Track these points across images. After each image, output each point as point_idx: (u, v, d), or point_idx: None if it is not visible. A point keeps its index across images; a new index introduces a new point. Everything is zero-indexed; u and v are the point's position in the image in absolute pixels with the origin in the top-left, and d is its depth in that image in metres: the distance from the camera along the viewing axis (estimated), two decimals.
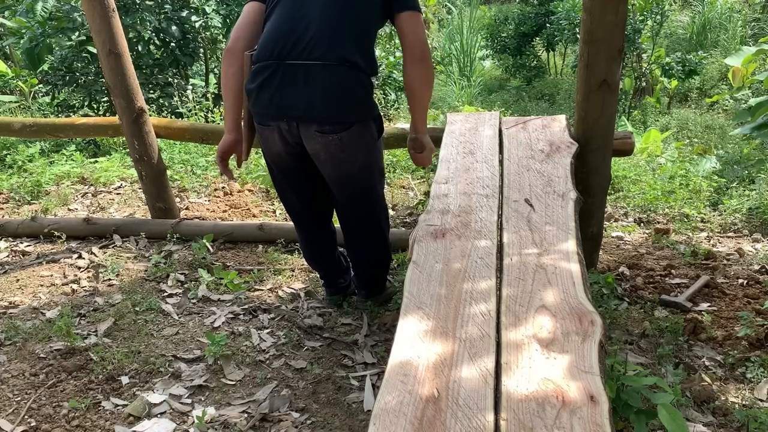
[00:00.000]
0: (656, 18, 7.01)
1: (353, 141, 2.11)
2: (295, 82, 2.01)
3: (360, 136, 2.12)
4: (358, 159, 2.17)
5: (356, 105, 2.08)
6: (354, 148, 2.13)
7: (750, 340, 2.26)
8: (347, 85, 2.03)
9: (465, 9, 10.12)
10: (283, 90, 2.02)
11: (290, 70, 2.01)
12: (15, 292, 2.88)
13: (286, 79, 2.01)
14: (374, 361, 2.28)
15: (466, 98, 7.17)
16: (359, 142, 2.13)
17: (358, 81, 2.05)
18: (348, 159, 2.15)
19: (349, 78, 2.03)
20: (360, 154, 2.16)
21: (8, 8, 6.19)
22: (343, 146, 2.10)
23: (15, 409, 2.07)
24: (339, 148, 2.10)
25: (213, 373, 2.24)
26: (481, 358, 1.42)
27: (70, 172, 4.48)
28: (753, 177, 4.23)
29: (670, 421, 1.48)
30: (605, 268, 2.90)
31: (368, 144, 2.17)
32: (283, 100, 2.02)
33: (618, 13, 2.25)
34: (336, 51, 2.00)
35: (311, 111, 2.02)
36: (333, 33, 2.01)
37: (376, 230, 2.41)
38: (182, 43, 5.72)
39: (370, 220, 2.38)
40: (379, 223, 2.40)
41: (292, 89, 2.01)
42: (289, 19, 2.05)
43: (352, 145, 2.12)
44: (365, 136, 2.14)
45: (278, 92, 2.03)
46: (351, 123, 2.07)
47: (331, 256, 2.55)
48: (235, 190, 4.12)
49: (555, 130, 2.60)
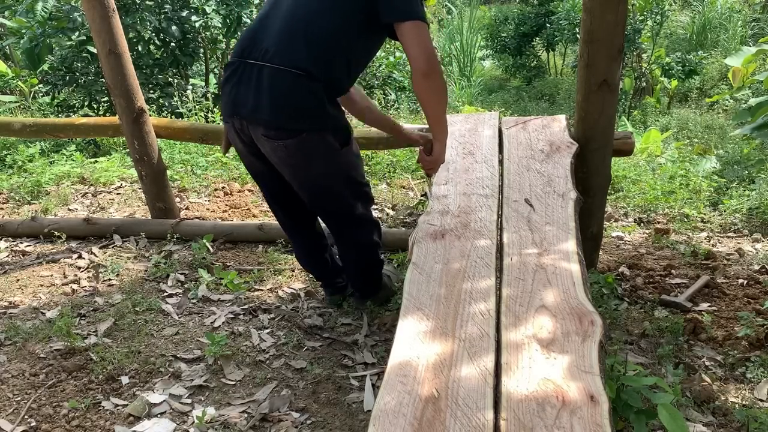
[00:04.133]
0: (656, 18, 7.02)
1: (302, 150, 2.04)
2: (249, 81, 1.99)
3: (312, 145, 2.04)
4: (315, 168, 2.10)
5: (302, 115, 1.99)
6: (303, 157, 2.06)
7: (750, 340, 2.26)
8: (295, 93, 1.96)
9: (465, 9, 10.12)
10: (237, 88, 2.02)
11: (248, 69, 2.00)
12: (15, 292, 2.88)
13: (243, 78, 2.01)
14: (374, 361, 2.28)
15: (466, 98, 7.17)
16: (311, 151, 2.05)
17: (307, 90, 1.96)
18: (301, 166, 2.09)
19: (298, 86, 1.95)
20: (316, 164, 2.09)
21: (8, 8, 6.19)
22: (289, 153, 2.04)
23: (15, 409, 2.07)
24: (286, 154, 2.04)
25: (213, 373, 2.24)
26: (480, 358, 1.42)
27: (70, 172, 4.48)
28: (753, 177, 4.23)
29: (670, 421, 1.48)
30: (605, 268, 2.89)
31: (324, 154, 2.08)
32: (237, 97, 2.02)
33: (618, 13, 2.25)
34: (288, 56, 1.95)
35: (258, 113, 1.99)
36: (290, 37, 1.97)
37: (354, 240, 2.35)
38: (182, 43, 5.72)
39: (347, 231, 2.33)
40: (355, 234, 2.34)
41: (245, 88, 2.00)
42: (262, 19, 2.06)
43: (301, 154, 2.05)
44: (319, 147, 2.05)
45: (234, 89, 2.03)
46: (299, 131, 2.00)
47: (319, 258, 2.51)
48: (235, 190, 4.13)
49: (555, 130, 2.60)
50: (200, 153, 4.70)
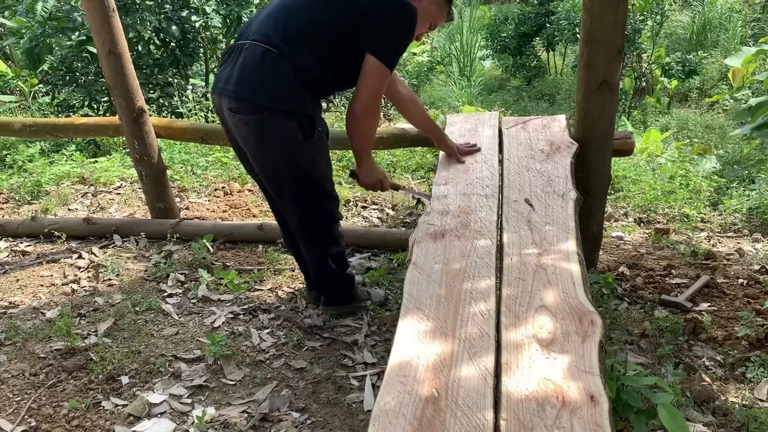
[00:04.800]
0: (656, 18, 7.01)
1: (261, 129, 2.02)
2: (234, 59, 2.06)
3: (271, 126, 2.02)
4: (271, 152, 2.08)
5: (266, 90, 1.98)
6: (263, 137, 2.04)
7: (750, 340, 2.26)
8: (263, 66, 1.98)
9: (465, 9, 10.12)
10: (224, 66, 2.11)
11: (237, 49, 2.08)
12: (15, 292, 2.89)
13: (231, 57, 2.09)
14: (374, 361, 2.28)
15: (466, 98, 7.16)
16: (270, 132, 2.03)
17: (274, 65, 1.97)
18: (259, 147, 2.08)
19: (265, 60, 1.97)
20: (273, 148, 2.06)
21: (8, 8, 6.19)
22: (249, 130, 2.04)
23: (15, 409, 2.07)
24: (247, 131, 2.05)
25: (213, 373, 2.24)
26: (480, 358, 1.42)
27: (70, 172, 4.48)
28: (753, 177, 4.23)
29: (670, 421, 1.48)
30: (605, 268, 2.89)
31: (284, 140, 2.05)
32: (220, 74, 2.10)
33: (618, 13, 2.25)
34: (266, 32, 2.01)
35: (227, 85, 2.03)
36: (274, 19, 2.04)
37: (315, 243, 2.32)
38: (182, 43, 5.72)
39: (307, 233, 2.30)
40: (316, 238, 2.31)
41: (228, 65, 2.08)
42: (261, 10, 2.16)
43: (260, 133, 2.03)
44: (280, 130, 2.03)
45: (222, 68, 2.12)
46: (260, 108, 1.99)
47: (296, 248, 2.50)
48: (235, 190, 4.13)
49: (555, 130, 2.60)
50: (200, 153, 4.70)
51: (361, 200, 3.86)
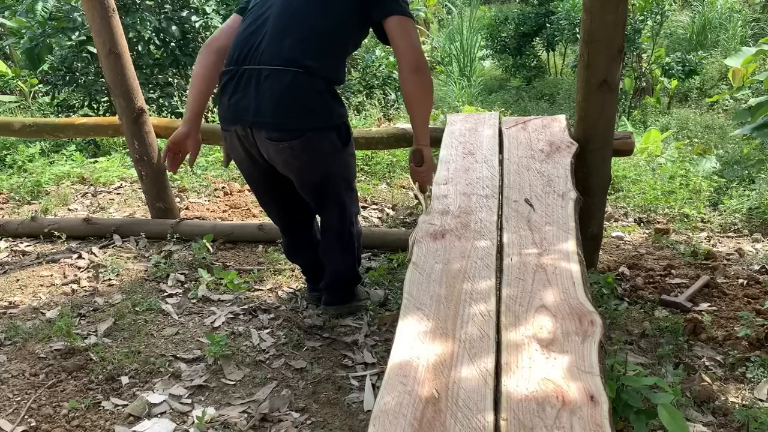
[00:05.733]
0: (656, 18, 7.01)
1: (307, 150, 2.02)
2: (249, 86, 1.99)
3: (316, 145, 2.03)
4: (318, 168, 2.10)
5: (307, 112, 1.99)
6: (309, 157, 2.04)
7: (750, 340, 2.26)
8: (297, 90, 1.96)
9: (465, 9, 10.10)
10: (238, 94, 2.01)
11: (246, 74, 2.00)
12: (15, 292, 2.88)
13: (242, 84, 2.01)
14: (374, 361, 2.28)
15: (466, 98, 7.16)
16: (315, 151, 2.04)
17: (309, 86, 1.97)
18: (305, 167, 2.08)
19: (299, 83, 1.95)
20: (319, 164, 2.08)
21: (8, 8, 6.19)
22: (294, 154, 2.03)
23: (15, 409, 2.07)
24: (291, 156, 2.03)
25: (213, 373, 2.24)
26: (480, 359, 1.42)
27: (70, 172, 4.48)
28: (753, 177, 4.23)
29: (670, 421, 1.48)
30: (605, 268, 2.89)
31: (328, 154, 2.08)
32: (238, 104, 2.02)
33: (618, 13, 2.25)
34: (285, 54, 1.95)
35: (260, 116, 1.98)
36: (284, 36, 1.97)
37: (340, 241, 2.36)
38: (182, 43, 5.72)
39: (335, 231, 2.33)
40: (343, 235, 2.34)
41: (246, 93, 2.00)
42: (252, 25, 2.06)
43: (306, 154, 2.03)
44: (323, 146, 2.05)
45: (234, 96, 2.02)
46: (303, 131, 1.99)
47: (306, 255, 2.52)
48: (235, 190, 4.13)
49: (555, 130, 2.60)
50: (200, 153, 4.69)
51: (361, 200, 3.86)
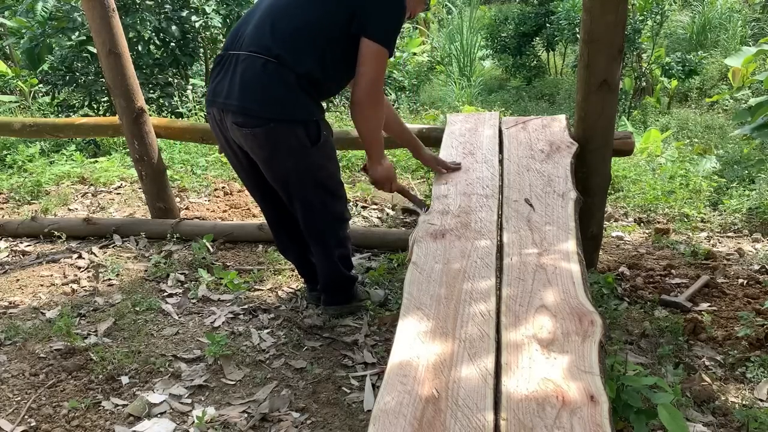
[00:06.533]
0: (656, 18, 7.01)
1: (270, 141, 2.01)
2: (227, 70, 2.02)
3: (279, 137, 2.00)
4: (283, 162, 2.07)
5: (272, 102, 1.96)
6: (272, 149, 2.03)
7: (750, 340, 2.26)
8: (264, 78, 1.95)
9: (465, 9, 10.10)
10: (218, 77, 2.06)
11: (229, 59, 2.04)
12: (15, 292, 2.88)
13: (224, 68, 2.05)
14: (374, 361, 2.28)
15: (466, 98, 7.16)
16: (279, 143, 2.01)
17: (278, 76, 1.95)
18: (270, 158, 2.06)
19: (268, 71, 1.94)
20: (283, 158, 2.06)
21: (8, 8, 6.19)
22: (258, 143, 2.02)
23: (15, 409, 2.07)
24: (255, 144, 2.03)
25: (213, 373, 2.24)
26: (480, 359, 1.42)
27: (70, 172, 4.48)
28: (753, 177, 4.24)
29: (670, 421, 1.48)
30: (605, 268, 2.89)
31: (293, 149, 2.04)
32: (216, 87, 2.05)
33: (618, 13, 2.25)
34: (262, 42, 1.96)
35: (229, 99, 2.00)
36: (266, 25, 1.99)
37: (323, 245, 2.32)
38: (182, 43, 5.72)
39: (316, 234, 2.30)
40: (325, 239, 2.31)
41: (224, 78, 2.03)
42: (248, 15, 2.11)
43: (270, 146, 2.02)
44: (288, 139, 2.02)
45: (215, 80, 2.07)
46: (266, 120, 1.97)
47: (295, 253, 2.50)
48: (235, 190, 4.13)
49: (555, 130, 2.60)
50: (200, 153, 4.70)
51: (361, 200, 3.86)
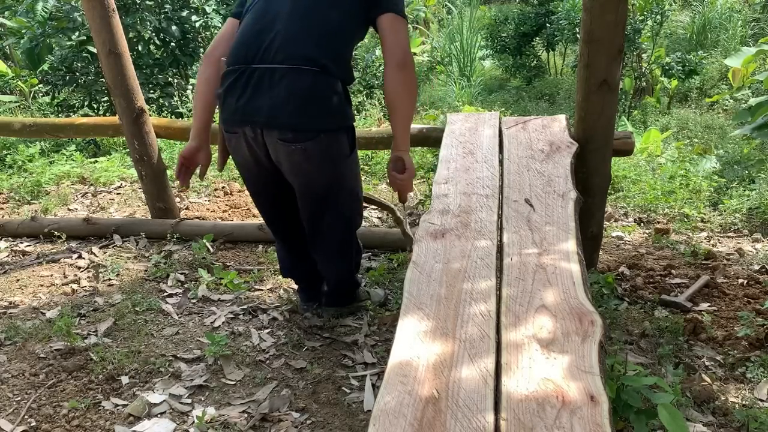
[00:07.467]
0: (656, 18, 7.00)
1: (319, 153, 1.97)
2: (261, 86, 1.91)
3: (327, 147, 1.98)
4: (325, 173, 2.04)
5: (325, 113, 1.94)
6: (320, 160, 1.99)
7: (750, 340, 2.26)
8: (316, 90, 1.91)
9: (465, 9, 10.09)
10: (248, 95, 1.93)
11: (256, 73, 1.92)
12: (15, 292, 2.88)
13: (251, 83, 1.93)
14: (374, 361, 2.28)
15: (466, 98, 7.16)
16: (326, 154, 1.99)
17: (327, 86, 1.92)
18: (313, 172, 2.02)
19: (318, 82, 1.90)
20: (327, 169, 2.03)
21: (8, 8, 6.19)
22: (307, 156, 1.96)
23: (15, 409, 2.07)
24: (303, 158, 1.97)
25: (213, 373, 2.24)
26: (481, 359, 1.42)
27: (70, 172, 4.48)
28: (753, 177, 4.23)
29: (670, 421, 1.48)
30: (605, 268, 2.89)
31: (336, 158, 2.03)
32: (248, 105, 1.93)
33: (618, 13, 2.25)
34: (303, 53, 1.89)
35: (274, 117, 1.91)
36: (299, 34, 1.91)
37: (343, 254, 2.32)
38: (182, 43, 5.72)
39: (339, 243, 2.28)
40: (347, 249, 2.31)
41: (257, 94, 1.92)
42: (258, 23, 1.98)
43: (317, 158, 1.98)
44: (333, 149, 2.00)
45: (243, 97, 1.94)
46: (317, 132, 1.93)
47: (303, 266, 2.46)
48: (235, 190, 4.13)
49: (555, 130, 2.60)
50: None
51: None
